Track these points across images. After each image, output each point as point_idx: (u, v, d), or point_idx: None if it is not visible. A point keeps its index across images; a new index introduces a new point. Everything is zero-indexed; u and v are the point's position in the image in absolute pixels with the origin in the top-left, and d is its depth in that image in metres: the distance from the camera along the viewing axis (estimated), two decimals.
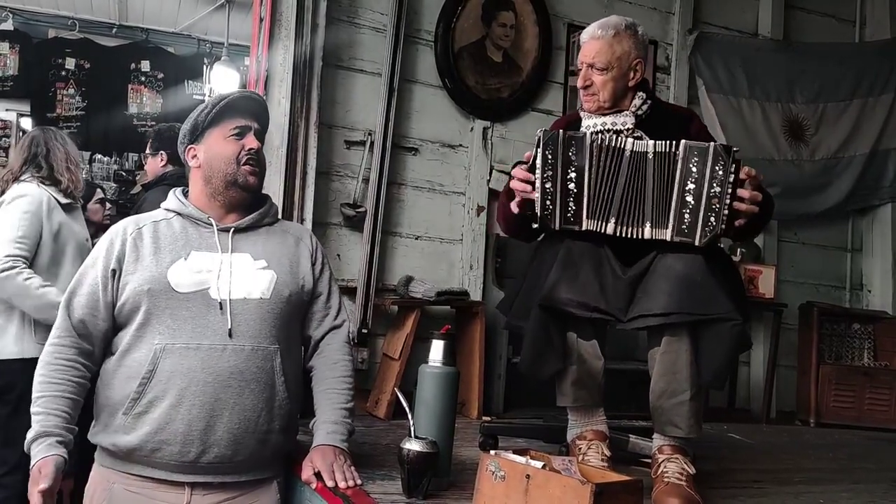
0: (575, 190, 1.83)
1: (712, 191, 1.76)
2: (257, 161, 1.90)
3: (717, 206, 1.76)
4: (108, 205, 4.15)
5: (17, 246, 2.59)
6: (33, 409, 1.69)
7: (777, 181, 4.24)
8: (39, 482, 1.59)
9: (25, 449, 1.67)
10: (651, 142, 1.82)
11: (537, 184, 1.84)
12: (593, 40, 2.03)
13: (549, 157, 1.83)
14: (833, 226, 4.58)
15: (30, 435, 1.66)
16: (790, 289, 4.31)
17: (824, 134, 4.43)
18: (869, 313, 4.34)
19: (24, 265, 2.57)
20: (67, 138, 2.93)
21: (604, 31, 2.03)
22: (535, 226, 1.87)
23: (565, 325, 1.87)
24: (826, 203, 4.45)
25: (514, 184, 1.91)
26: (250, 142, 1.88)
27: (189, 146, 1.91)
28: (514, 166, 1.95)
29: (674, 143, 1.80)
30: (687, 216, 1.78)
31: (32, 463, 1.64)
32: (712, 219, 1.76)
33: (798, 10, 4.52)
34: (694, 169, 1.77)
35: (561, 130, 1.84)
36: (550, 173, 1.83)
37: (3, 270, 2.54)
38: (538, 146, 1.83)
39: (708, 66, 4.21)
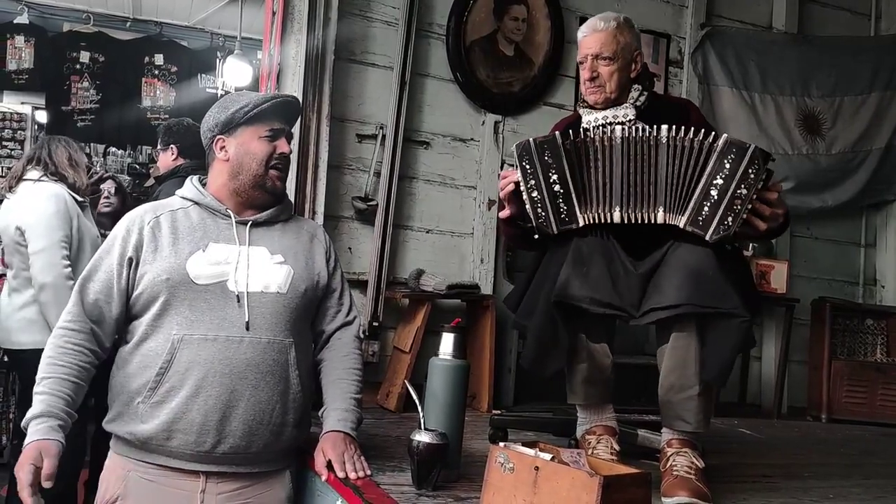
0: (561, 190, 1.84)
1: (738, 191, 1.74)
2: (285, 166, 1.92)
3: (739, 207, 1.74)
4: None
5: (64, 245, 2.67)
6: (37, 388, 1.67)
7: (791, 175, 4.22)
8: (43, 464, 1.56)
9: (23, 425, 1.64)
10: (664, 126, 1.81)
11: (524, 196, 1.85)
12: (596, 32, 2.03)
13: (528, 167, 1.84)
14: (846, 221, 4.55)
15: (30, 412, 1.64)
16: (803, 284, 4.28)
17: (841, 128, 4.39)
18: (882, 309, 4.31)
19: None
20: (73, 143, 2.99)
21: (606, 23, 2.04)
22: (536, 236, 1.88)
23: (574, 323, 1.87)
24: (841, 198, 4.42)
25: (503, 192, 1.93)
26: (282, 146, 1.89)
27: (219, 136, 1.89)
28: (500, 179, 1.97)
29: (707, 132, 1.79)
30: (706, 209, 1.76)
31: (30, 440, 1.61)
32: (730, 218, 1.74)
33: (812, 3, 4.48)
34: (727, 165, 1.74)
35: (531, 139, 1.85)
36: (533, 182, 1.84)
37: (69, 278, 2.60)
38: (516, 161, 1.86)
39: (720, 60, 4.18)
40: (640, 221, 1.83)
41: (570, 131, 1.88)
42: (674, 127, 1.80)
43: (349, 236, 3.46)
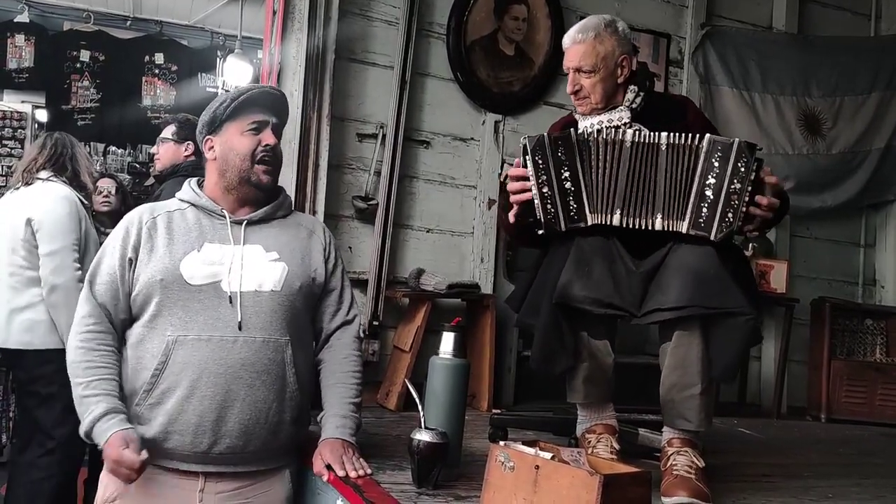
0: (572, 188, 1.84)
1: (732, 187, 1.75)
2: (273, 158, 1.89)
3: (736, 202, 1.75)
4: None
5: (75, 248, 2.68)
6: (86, 391, 1.69)
7: (791, 175, 4.22)
8: (138, 452, 1.62)
9: (86, 429, 1.67)
10: (664, 133, 1.82)
11: (534, 191, 1.84)
12: (575, 45, 2.02)
13: (540, 161, 1.83)
14: (846, 221, 4.56)
15: (95, 413, 1.66)
16: (802, 284, 4.29)
17: (842, 128, 4.40)
18: (882, 309, 4.32)
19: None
20: (80, 145, 3.01)
21: (584, 34, 2.01)
22: (541, 232, 1.86)
23: (577, 323, 1.87)
24: (841, 198, 4.43)
25: (512, 186, 1.90)
26: (267, 137, 1.87)
27: (207, 137, 1.90)
28: (504, 177, 1.94)
29: (693, 135, 1.79)
30: (705, 210, 1.77)
31: (108, 434, 1.64)
32: (730, 215, 1.75)
33: (813, 3, 4.48)
34: (716, 163, 1.75)
35: (545, 134, 1.85)
36: (545, 177, 1.83)
37: (80, 280, 2.59)
38: (525, 154, 1.84)
39: (721, 60, 4.18)
40: (639, 227, 1.83)
41: (571, 130, 1.89)
42: (673, 134, 1.81)
43: (349, 235, 3.46)
